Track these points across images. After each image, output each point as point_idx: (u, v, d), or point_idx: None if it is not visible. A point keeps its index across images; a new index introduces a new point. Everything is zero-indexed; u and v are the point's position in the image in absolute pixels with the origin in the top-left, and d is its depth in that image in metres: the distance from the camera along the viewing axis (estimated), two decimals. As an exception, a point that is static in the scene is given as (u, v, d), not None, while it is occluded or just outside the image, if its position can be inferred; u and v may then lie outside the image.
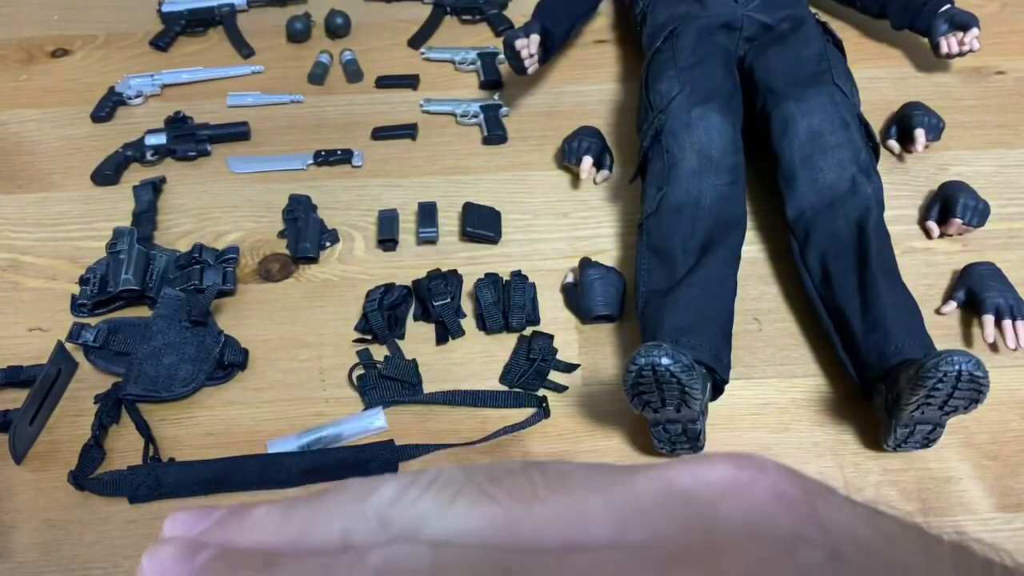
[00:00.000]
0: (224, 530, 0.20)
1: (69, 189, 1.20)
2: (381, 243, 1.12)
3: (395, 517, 0.18)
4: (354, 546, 0.18)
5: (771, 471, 0.19)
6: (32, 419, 0.93)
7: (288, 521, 0.19)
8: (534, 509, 0.18)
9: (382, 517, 0.18)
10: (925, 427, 0.86)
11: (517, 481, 0.18)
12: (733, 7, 1.20)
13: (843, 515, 0.18)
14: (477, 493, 0.18)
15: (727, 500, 0.18)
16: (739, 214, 1.05)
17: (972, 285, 1.01)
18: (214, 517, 0.20)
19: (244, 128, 1.24)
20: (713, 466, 0.19)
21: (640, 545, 0.17)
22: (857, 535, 0.18)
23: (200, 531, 0.20)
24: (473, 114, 1.26)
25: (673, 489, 0.18)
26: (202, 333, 0.99)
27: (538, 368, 0.98)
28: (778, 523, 0.18)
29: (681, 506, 0.18)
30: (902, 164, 1.20)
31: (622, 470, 0.19)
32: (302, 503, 0.19)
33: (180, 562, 0.18)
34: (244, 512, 0.20)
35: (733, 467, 0.19)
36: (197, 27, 1.42)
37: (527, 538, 0.17)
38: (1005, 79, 1.31)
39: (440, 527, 0.18)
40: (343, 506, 0.19)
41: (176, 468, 0.90)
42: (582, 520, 0.18)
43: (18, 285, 1.09)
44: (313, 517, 0.19)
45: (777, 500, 0.18)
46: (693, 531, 0.17)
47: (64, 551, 0.86)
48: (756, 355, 1.00)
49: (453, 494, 0.18)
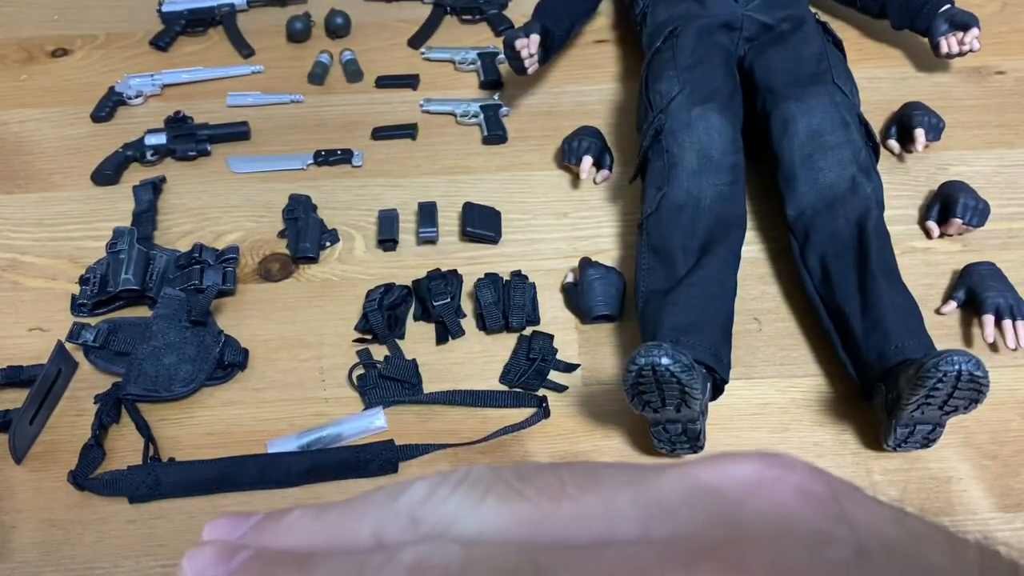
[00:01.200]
0: (260, 533, 0.20)
1: (69, 189, 1.20)
2: (381, 243, 1.12)
3: (425, 516, 0.18)
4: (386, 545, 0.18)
5: (798, 469, 0.19)
6: (32, 419, 0.93)
7: (322, 523, 0.20)
8: (562, 506, 0.18)
9: (413, 516, 0.19)
10: (925, 427, 0.86)
11: (545, 479, 0.19)
12: (733, 7, 1.20)
13: (869, 514, 0.18)
14: (507, 491, 0.18)
15: (753, 497, 0.18)
16: (739, 214, 1.05)
17: (972, 285, 1.01)
18: (251, 521, 0.21)
19: (244, 128, 1.24)
20: (740, 463, 0.19)
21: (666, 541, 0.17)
22: (883, 534, 0.18)
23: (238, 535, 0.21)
24: (473, 114, 1.26)
25: (700, 486, 0.18)
26: (202, 333, 0.99)
27: (538, 368, 0.98)
28: (804, 520, 0.18)
29: (707, 503, 0.18)
30: (902, 164, 1.20)
31: (649, 468, 0.19)
32: (336, 505, 0.20)
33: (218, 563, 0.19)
34: (280, 516, 0.20)
35: (760, 464, 0.19)
36: (197, 27, 1.42)
37: (556, 535, 0.18)
38: (1005, 79, 1.31)
39: (470, 524, 0.18)
40: (375, 507, 0.19)
41: (176, 468, 0.90)
42: (609, 517, 0.18)
43: (18, 285, 1.09)
44: (345, 518, 0.19)
45: (804, 497, 0.18)
46: (719, 527, 0.17)
47: (64, 551, 0.86)
48: (756, 355, 1.00)
49: (483, 492, 0.18)
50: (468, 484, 0.19)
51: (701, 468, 0.19)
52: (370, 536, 0.19)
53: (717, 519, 0.18)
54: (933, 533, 0.19)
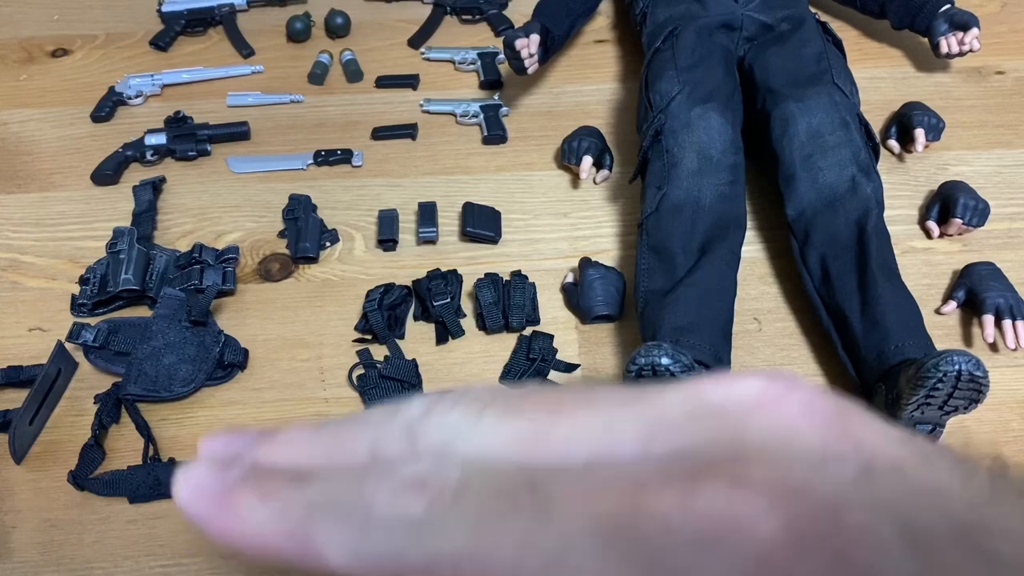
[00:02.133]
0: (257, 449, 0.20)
1: (69, 189, 1.20)
2: (381, 243, 1.12)
3: (423, 432, 0.18)
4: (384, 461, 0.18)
5: (803, 387, 0.19)
6: (32, 419, 0.93)
7: (319, 439, 0.20)
8: (560, 422, 0.18)
9: (411, 433, 0.18)
10: (925, 427, 0.86)
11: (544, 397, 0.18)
12: (733, 7, 1.20)
13: (876, 434, 0.18)
14: (504, 408, 0.18)
15: (757, 414, 0.18)
16: (739, 214, 1.05)
17: (972, 285, 1.01)
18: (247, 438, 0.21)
19: (244, 128, 1.24)
20: (745, 381, 0.19)
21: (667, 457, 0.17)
22: (890, 453, 0.17)
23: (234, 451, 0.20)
24: (473, 114, 1.26)
25: (703, 403, 0.18)
26: (202, 333, 0.99)
27: (538, 368, 0.98)
28: (808, 437, 0.17)
29: (710, 419, 0.18)
30: (902, 164, 1.20)
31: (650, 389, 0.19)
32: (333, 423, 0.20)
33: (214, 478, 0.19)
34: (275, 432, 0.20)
35: (765, 382, 0.19)
36: (197, 27, 1.42)
37: (553, 450, 0.17)
38: (1005, 79, 1.31)
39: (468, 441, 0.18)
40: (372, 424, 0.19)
41: (176, 468, 0.90)
42: (609, 433, 0.18)
43: (18, 285, 1.09)
44: (342, 435, 0.19)
45: (809, 415, 0.18)
46: (721, 444, 0.17)
47: (64, 551, 0.86)
48: (756, 355, 1.00)
49: (480, 409, 0.18)
50: (466, 401, 0.19)
51: (705, 386, 0.19)
52: (367, 453, 0.19)
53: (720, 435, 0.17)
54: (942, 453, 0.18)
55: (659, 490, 0.16)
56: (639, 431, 0.18)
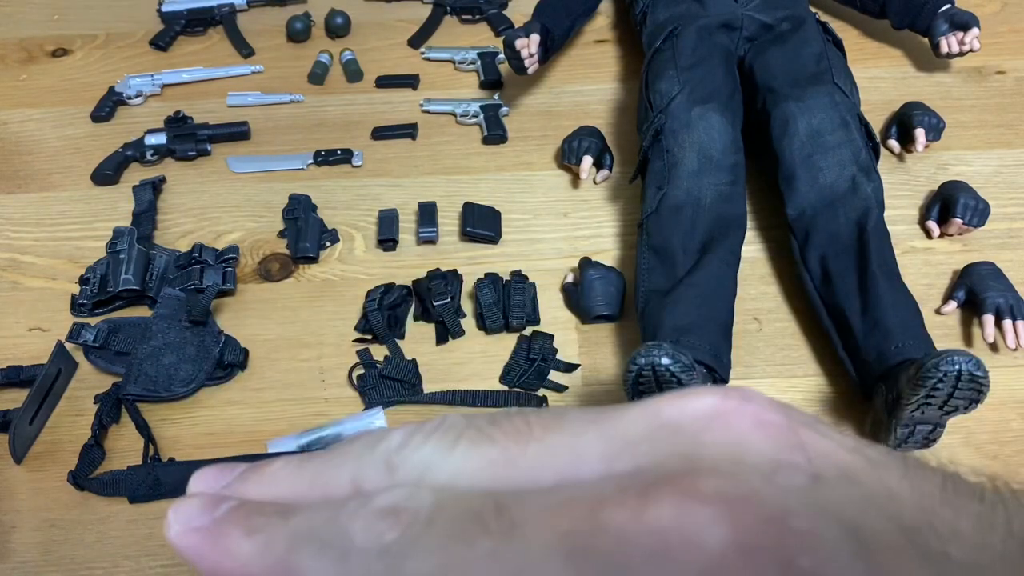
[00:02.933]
0: (244, 484, 0.21)
1: (69, 189, 1.20)
2: (381, 243, 1.12)
3: (401, 462, 0.19)
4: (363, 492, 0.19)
5: (756, 401, 0.19)
6: (32, 419, 0.93)
7: (303, 472, 0.20)
8: (530, 448, 0.19)
9: (389, 463, 0.19)
10: (925, 427, 0.86)
11: (514, 423, 0.19)
12: (733, 7, 1.20)
13: (827, 443, 0.18)
14: (477, 436, 0.19)
15: (711, 429, 0.18)
16: (739, 214, 1.05)
17: (972, 285, 1.01)
18: (235, 473, 0.21)
19: (244, 128, 1.24)
20: (699, 398, 0.19)
21: (627, 474, 0.18)
22: (840, 461, 0.18)
23: (222, 486, 0.21)
24: (473, 114, 1.26)
25: (660, 421, 0.19)
26: (202, 333, 0.99)
27: (538, 368, 0.98)
28: (760, 449, 0.18)
29: (667, 436, 0.18)
30: (902, 164, 1.20)
31: (614, 408, 0.20)
32: (317, 456, 0.21)
33: (203, 514, 0.20)
34: (263, 467, 0.21)
35: (718, 398, 0.19)
36: (197, 27, 1.42)
37: (524, 476, 0.18)
38: (1005, 79, 1.31)
39: (443, 469, 0.19)
40: (353, 455, 0.20)
41: (176, 468, 0.90)
42: (574, 455, 0.18)
43: (18, 285, 1.09)
44: (326, 467, 0.20)
45: (760, 427, 0.18)
46: (676, 459, 0.18)
47: (64, 551, 0.86)
48: (756, 355, 1.00)
49: (455, 438, 0.19)
50: (441, 431, 0.19)
51: (663, 404, 0.19)
52: (349, 483, 0.19)
53: (675, 451, 0.18)
54: (892, 460, 0.19)
55: (615, 506, 0.16)
56: (602, 451, 0.18)
